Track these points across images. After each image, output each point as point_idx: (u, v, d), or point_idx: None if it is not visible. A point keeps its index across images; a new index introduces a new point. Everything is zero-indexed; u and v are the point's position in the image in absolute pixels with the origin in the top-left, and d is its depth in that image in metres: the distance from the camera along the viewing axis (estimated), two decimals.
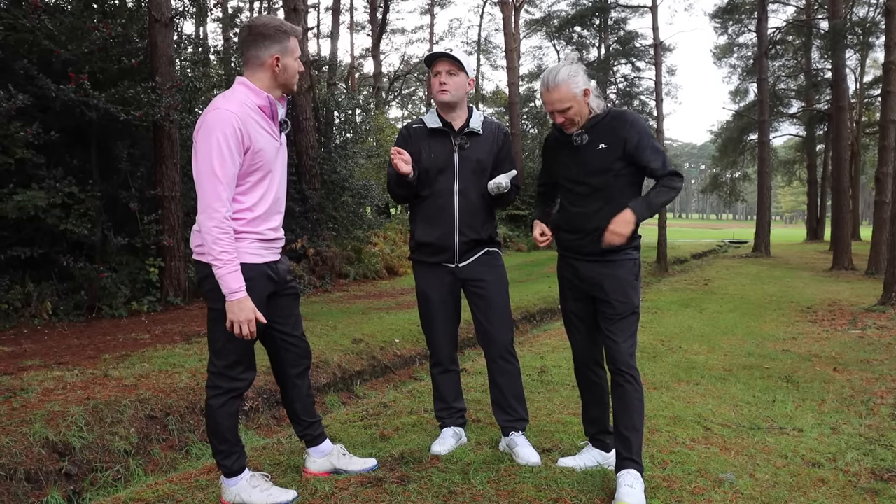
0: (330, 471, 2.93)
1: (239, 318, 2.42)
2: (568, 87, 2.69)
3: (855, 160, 27.71)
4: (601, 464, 3.04)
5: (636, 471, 2.72)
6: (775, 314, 8.65)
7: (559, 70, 2.72)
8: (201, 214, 2.41)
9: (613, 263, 2.81)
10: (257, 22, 2.52)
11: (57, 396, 4.43)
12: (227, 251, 2.40)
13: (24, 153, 7.52)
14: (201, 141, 2.40)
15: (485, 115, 3.24)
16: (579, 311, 2.97)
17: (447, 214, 3.08)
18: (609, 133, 2.77)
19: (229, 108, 2.40)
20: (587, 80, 2.76)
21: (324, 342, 6.56)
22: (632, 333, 2.83)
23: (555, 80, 2.70)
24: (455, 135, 3.09)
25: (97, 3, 9.69)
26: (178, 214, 9.31)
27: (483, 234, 3.14)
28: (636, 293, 2.84)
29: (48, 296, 7.98)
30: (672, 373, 5.19)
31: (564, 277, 3.00)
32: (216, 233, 2.38)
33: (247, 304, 2.44)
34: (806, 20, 25.54)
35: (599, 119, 2.79)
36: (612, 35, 27.96)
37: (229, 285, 2.40)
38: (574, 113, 2.74)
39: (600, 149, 2.77)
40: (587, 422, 3.10)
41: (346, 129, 15.15)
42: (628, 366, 2.77)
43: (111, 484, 3.83)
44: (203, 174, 2.39)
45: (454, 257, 3.12)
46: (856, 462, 3.25)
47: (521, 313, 9.55)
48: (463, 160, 3.07)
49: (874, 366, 5.50)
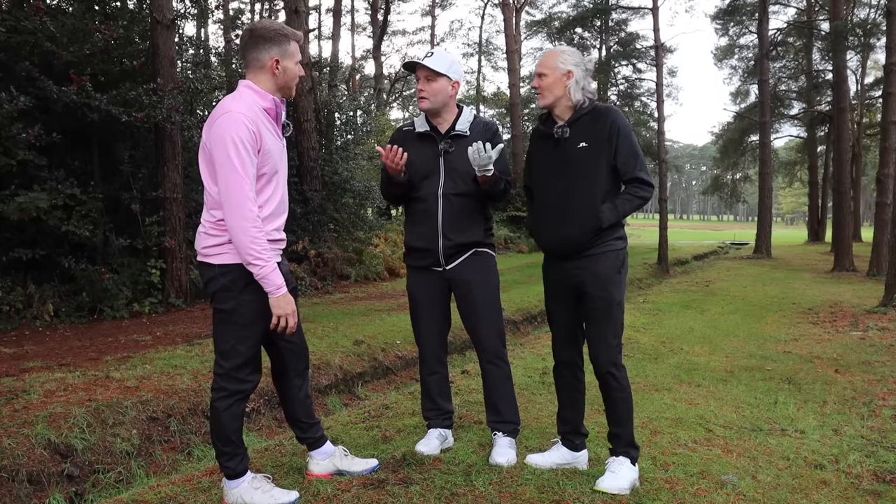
0: (333, 472, 2.93)
1: (286, 311, 2.49)
2: (556, 58, 2.84)
3: (856, 161, 27.69)
4: (570, 462, 3.07)
5: (624, 457, 2.84)
6: (777, 316, 8.64)
7: (564, 47, 2.92)
8: (233, 216, 2.39)
9: (593, 258, 2.82)
10: (258, 25, 2.57)
11: (59, 398, 4.43)
12: (265, 249, 2.43)
13: (25, 155, 7.53)
14: (217, 144, 2.40)
15: (475, 115, 3.21)
16: (560, 311, 3.00)
17: (431, 218, 3.08)
18: (590, 130, 2.81)
19: (241, 111, 2.42)
20: (581, 70, 2.83)
21: (325, 343, 6.56)
22: (614, 333, 2.83)
23: (552, 48, 2.90)
24: (440, 139, 3.09)
25: (99, 5, 9.72)
26: (180, 216, 9.31)
27: (470, 238, 3.11)
28: (617, 288, 2.84)
29: (50, 297, 7.99)
30: (673, 374, 5.19)
31: (548, 276, 3.05)
32: (253, 232, 2.40)
33: (290, 298, 2.52)
34: (807, 21, 25.56)
35: (581, 115, 2.84)
36: (613, 36, 27.99)
37: (274, 282, 2.45)
38: (548, 83, 2.84)
39: (580, 147, 2.81)
40: (560, 420, 3.13)
41: (348, 130, 15.15)
42: (610, 365, 2.82)
43: (113, 485, 3.83)
44: (229, 176, 2.38)
45: (440, 261, 3.12)
46: (858, 464, 3.25)
47: (522, 314, 9.55)
48: (448, 164, 3.07)
49: (876, 367, 5.50)
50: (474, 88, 35.56)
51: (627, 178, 2.82)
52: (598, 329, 2.84)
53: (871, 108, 29.90)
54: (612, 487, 2.76)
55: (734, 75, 31.94)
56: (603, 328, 2.82)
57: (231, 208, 2.39)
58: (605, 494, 2.75)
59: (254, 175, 2.44)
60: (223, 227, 2.48)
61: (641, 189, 2.81)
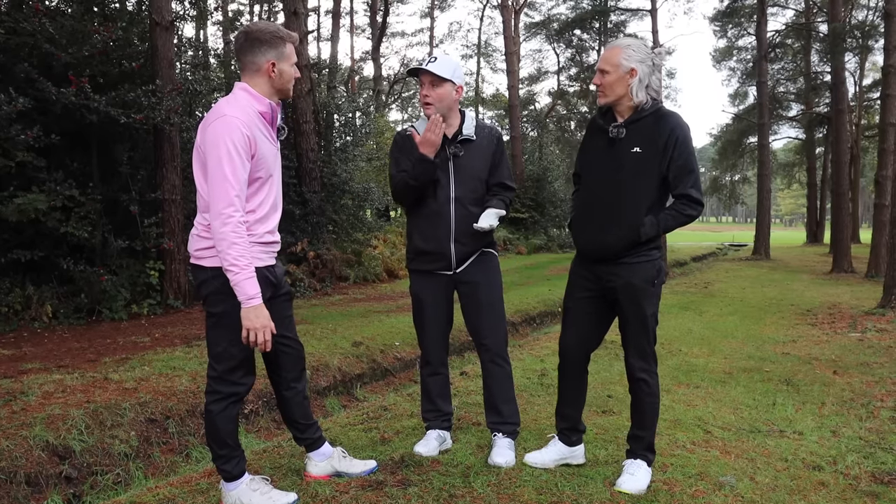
0: (331, 474, 2.93)
1: (255, 325, 2.40)
2: (620, 53, 2.67)
3: (854, 163, 27.75)
4: (567, 457, 3.09)
5: (642, 460, 2.88)
6: (775, 317, 8.65)
7: (629, 39, 2.73)
8: (215, 220, 2.37)
9: (628, 266, 2.75)
10: (254, 27, 2.53)
11: (57, 399, 4.43)
12: (243, 255, 2.37)
13: (24, 156, 7.53)
14: (210, 147, 2.38)
15: (477, 119, 3.22)
16: (581, 311, 2.94)
17: (444, 223, 3.07)
18: (647, 135, 2.68)
19: (236, 115, 2.40)
20: (647, 67, 2.66)
21: (324, 345, 6.56)
22: (648, 340, 2.83)
23: (615, 42, 2.72)
24: (448, 143, 3.08)
25: (98, 7, 9.71)
26: (179, 217, 9.31)
27: (481, 243, 3.14)
28: (650, 300, 2.78)
29: (48, 299, 7.98)
30: (672, 376, 5.19)
31: (575, 275, 2.97)
32: (232, 237, 2.35)
33: (263, 311, 2.42)
34: (805, 23, 25.62)
35: (642, 116, 2.70)
36: (612, 38, 27.98)
37: (246, 291, 2.37)
38: (609, 82, 2.68)
39: (634, 151, 2.69)
40: (560, 416, 3.12)
41: (347, 132, 15.15)
42: (643, 372, 2.86)
43: (111, 487, 3.82)
44: (215, 180, 2.36)
45: (451, 265, 3.12)
46: (856, 465, 3.25)
47: (521, 316, 9.55)
48: (458, 168, 3.07)
49: (874, 369, 5.50)
50: (473, 90, 35.56)
51: (678, 193, 2.69)
52: (632, 337, 2.84)
53: (869, 110, 29.97)
54: (632, 489, 2.78)
55: (733, 77, 32.03)
56: (636, 336, 2.83)
57: (214, 212, 2.37)
58: (603, 495, 2.76)
59: (245, 181, 2.41)
60: None
61: (690, 207, 2.69)
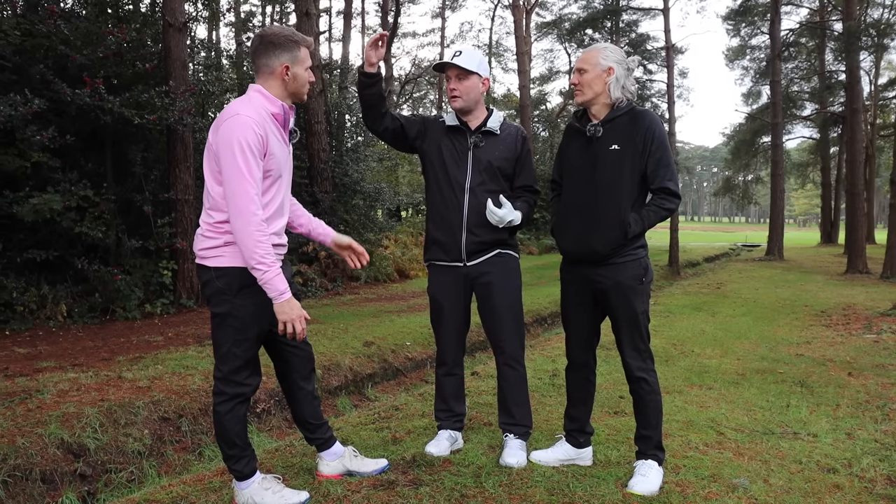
0: (342, 473, 2.94)
1: (291, 316, 2.44)
2: (598, 53, 2.79)
3: (869, 163, 27.43)
4: (573, 458, 3.10)
5: (653, 461, 2.87)
6: (789, 318, 8.58)
7: (606, 44, 2.85)
8: (237, 219, 2.37)
9: (615, 266, 2.78)
10: (268, 31, 2.55)
11: (72, 398, 4.47)
12: (269, 253, 2.40)
13: (40, 157, 7.62)
14: (224, 146, 2.39)
15: (505, 118, 3.23)
16: (577, 315, 2.98)
17: (456, 211, 3.08)
18: (624, 132, 2.75)
19: (249, 114, 2.42)
20: (623, 69, 2.77)
21: (335, 345, 6.58)
22: (642, 338, 2.83)
23: (592, 46, 2.83)
24: (471, 133, 3.11)
25: (112, 9, 9.82)
26: (192, 217, 9.37)
27: (494, 236, 3.09)
28: (640, 298, 2.80)
29: (63, 298, 8.07)
30: (685, 377, 5.16)
31: (566, 279, 3.01)
32: (257, 236, 2.37)
33: (294, 303, 2.46)
34: (819, 22, 25.37)
35: (617, 115, 2.77)
36: (624, 38, 27.84)
37: (277, 287, 2.41)
38: (588, 79, 2.77)
39: (612, 149, 2.75)
40: (568, 418, 3.14)
41: (358, 132, 15.20)
42: (641, 370, 2.85)
43: (125, 485, 3.86)
44: (234, 178, 2.37)
45: (461, 255, 3.10)
46: (871, 468, 3.22)
47: (533, 317, 9.54)
48: (476, 159, 3.08)
49: (890, 371, 5.44)
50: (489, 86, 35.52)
51: (655, 187, 2.76)
52: (626, 337, 2.84)
53: (884, 109, 29.66)
54: (644, 490, 2.77)
55: (746, 76, 31.84)
56: (630, 336, 2.83)
57: (236, 212, 2.38)
58: (615, 497, 2.75)
59: (259, 179, 2.43)
60: (220, 230, 2.48)
61: (668, 200, 2.75)
